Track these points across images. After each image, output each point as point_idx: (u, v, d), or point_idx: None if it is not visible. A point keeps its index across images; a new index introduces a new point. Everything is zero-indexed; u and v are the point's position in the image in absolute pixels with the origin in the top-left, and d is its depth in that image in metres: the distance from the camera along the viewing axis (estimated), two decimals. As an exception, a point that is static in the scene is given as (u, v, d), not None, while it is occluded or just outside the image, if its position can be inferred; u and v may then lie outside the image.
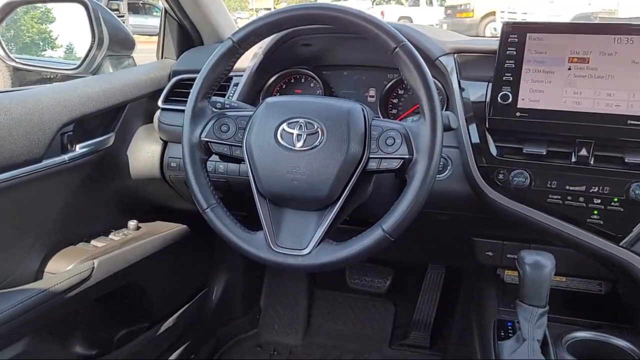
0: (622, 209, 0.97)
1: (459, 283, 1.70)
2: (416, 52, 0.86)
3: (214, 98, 1.00)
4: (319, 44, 1.27)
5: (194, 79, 0.97)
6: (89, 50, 1.37)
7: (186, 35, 1.48)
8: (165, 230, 1.45)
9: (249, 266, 1.87)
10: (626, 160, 0.97)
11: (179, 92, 1.32)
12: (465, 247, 1.29)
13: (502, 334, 1.00)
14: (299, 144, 0.88)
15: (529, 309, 0.88)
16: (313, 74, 1.30)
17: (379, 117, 1.07)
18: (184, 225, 1.50)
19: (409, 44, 0.87)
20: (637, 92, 0.96)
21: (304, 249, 0.88)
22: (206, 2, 1.42)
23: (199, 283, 1.73)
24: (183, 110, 0.97)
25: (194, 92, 0.95)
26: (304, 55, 1.30)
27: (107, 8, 1.46)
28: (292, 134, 0.89)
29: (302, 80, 1.33)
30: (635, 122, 0.95)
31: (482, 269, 1.32)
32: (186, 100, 0.96)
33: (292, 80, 1.34)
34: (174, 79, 1.35)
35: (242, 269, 1.86)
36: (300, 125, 0.89)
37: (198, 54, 1.43)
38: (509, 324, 1.03)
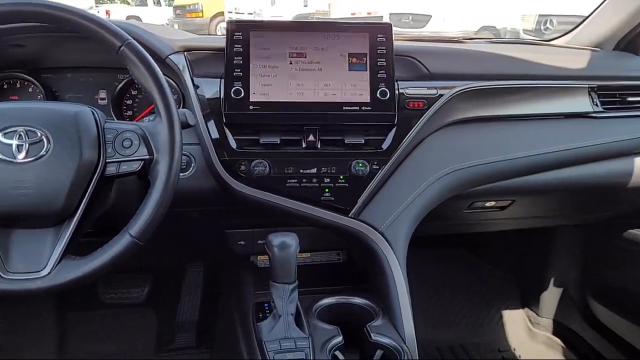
0: (347, 185, 1.11)
1: (219, 276, 1.73)
2: (143, 50, 0.85)
3: None
4: (34, 45, 1.14)
5: None
6: None
7: None
8: None
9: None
10: (346, 142, 1.10)
11: None
12: (219, 241, 1.32)
13: (261, 315, 1.06)
14: (21, 156, 0.79)
15: (280, 287, 0.95)
16: (30, 78, 1.16)
17: (113, 120, 1.02)
18: None
19: (134, 42, 0.84)
20: (347, 82, 1.10)
21: (42, 270, 0.79)
22: None
23: None
24: None
25: None
26: (17, 57, 1.15)
27: None
28: (11, 145, 0.79)
29: (18, 86, 1.19)
30: (349, 108, 1.09)
31: (237, 259, 1.36)
32: None
33: (5, 86, 1.18)
34: None
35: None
36: (20, 135, 0.80)
37: None
38: (265, 304, 1.10)
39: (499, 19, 8.40)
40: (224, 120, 1.07)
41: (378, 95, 1.10)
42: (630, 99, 1.35)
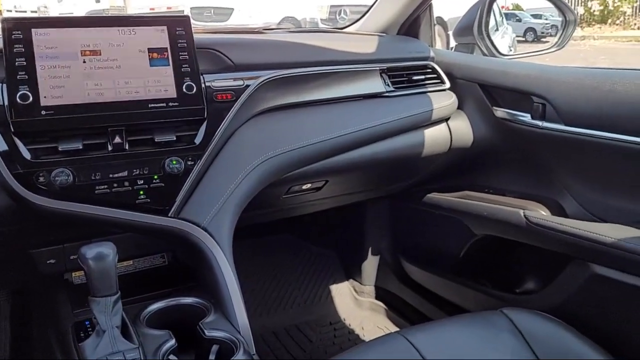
0: (163, 184, 1.07)
1: (29, 302, 1.56)
2: None
3: None
4: None
5: None
6: None
7: None
8: None
9: None
10: (156, 140, 1.06)
11: None
12: (24, 263, 1.19)
13: (83, 334, 0.98)
14: None
15: (102, 300, 0.88)
16: None
17: None
18: None
19: None
20: (150, 78, 1.06)
21: None
22: None
23: None
24: None
25: None
26: None
27: None
28: None
29: None
30: (155, 105, 1.05)
31: (49, 280, 1.24)
32: None
33: None
34: None
35: None
36: None
37: None
38: (86, 322, 1.01)
39: (299, 10, 8.79)
40: (12, 130, 0.96)
41: (184, 89, 1.08)
42: (414, 77, 1.51)
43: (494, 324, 1.15)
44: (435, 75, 1.56)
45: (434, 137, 1.53)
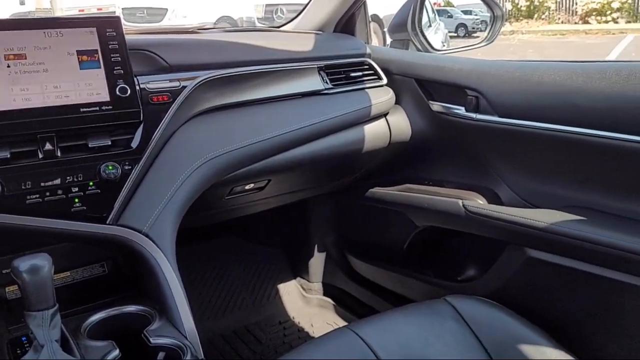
0: (99, 191, 1.04)
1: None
2: None
3: None
4: None
5: None
6: None
7: None
8: None
9: None
10: (90, 145, 1.03)
11: None
12: None
13: (19, 351, 0.93)
14: None
15: (38, 314, 0.84)
16: None
17: None
18: None
19: None
20: (80, 82, 1.02)
21: None
22: None
23: None
24: None
25: None
26: None
27: None
28: None
29: None
30: (87, 109, 1.02)
31: None
32: None
33: None
34: None
35: None
36: None
37: None
38: (23, 338, 0.97)
39: (235, 9, 8.72)
40: None
41: (118, 92, 1.05)
42: (352, 74, 1.53)
43: (438, 312, 1.18)
44: (372, 72, 1.59)
45: (374, 133, 1.56)
